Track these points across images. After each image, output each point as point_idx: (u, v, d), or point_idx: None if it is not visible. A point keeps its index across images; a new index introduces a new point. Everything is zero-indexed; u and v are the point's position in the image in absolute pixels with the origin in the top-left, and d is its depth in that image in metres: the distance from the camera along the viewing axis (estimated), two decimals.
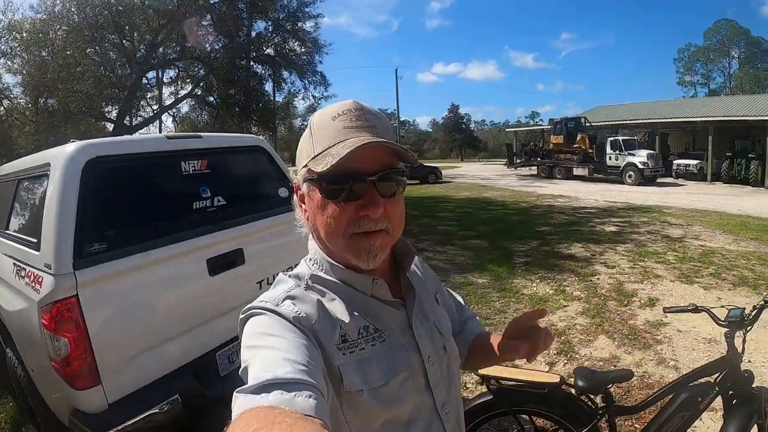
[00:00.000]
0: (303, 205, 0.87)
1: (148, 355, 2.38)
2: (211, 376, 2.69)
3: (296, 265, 0.92)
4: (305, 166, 0.81)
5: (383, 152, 0.79)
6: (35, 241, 2.37)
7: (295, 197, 0.90)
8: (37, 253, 2.31)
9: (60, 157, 2.35)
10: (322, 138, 0.78)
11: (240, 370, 0.67)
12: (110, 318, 2.27)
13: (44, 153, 2.70)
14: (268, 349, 0.67)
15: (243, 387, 0.60)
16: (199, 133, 3.14)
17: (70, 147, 2.39)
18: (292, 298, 0.80)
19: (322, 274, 0.85)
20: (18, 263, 2.55)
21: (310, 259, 0.89)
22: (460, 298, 1.22)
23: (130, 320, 2.34)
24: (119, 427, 2.16)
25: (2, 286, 2.80)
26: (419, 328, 0.88)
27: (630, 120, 29.16)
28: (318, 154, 0.78)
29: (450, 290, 1.16)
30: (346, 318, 0.80)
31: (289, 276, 0.87)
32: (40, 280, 2.22)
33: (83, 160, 2.32)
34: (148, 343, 2.38)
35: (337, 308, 0.81)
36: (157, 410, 2.25)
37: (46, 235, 2.25)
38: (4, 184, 3.56)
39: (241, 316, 0.80)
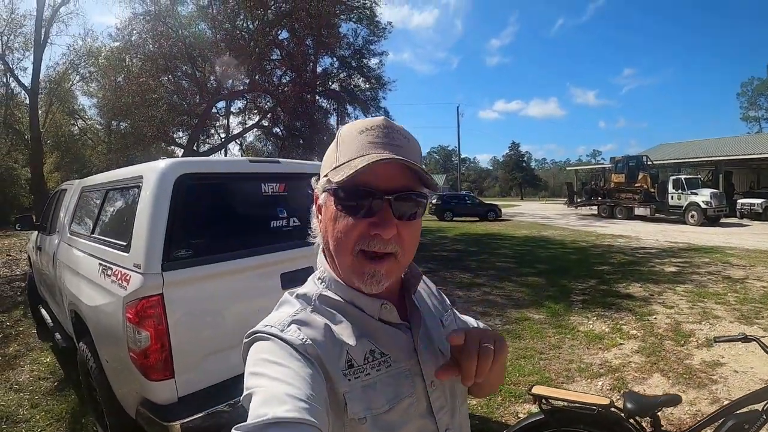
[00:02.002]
0: (320, 216, 0.85)
1: (217, 357, 2.51)
2: None
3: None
4: (326, 175, 0.80)
5: (404, 173, 0.77)
6: (124, 243, 2.60)
7: (313, 207, 0.88)
8: (126, 254, 2.54)
9: (154, 172, 2.58)
10: (347, 150, 0.77)
11: (242, 397, 0.66)
12: (188, 318, 2.44)
13: (136, 167, 2.97)
14: (271, 380, 0.66)
15: (242, 425, 0.58)
16: (278, 159, 3.38)
17: (163, 163, 2.63)
18: (298, 322, 0.78)
19: (330, 294, 0.84)
20: (104, 263, 2.79)
21: (319, 278, 0.87)
22: (474, 322, 1.13)
23: (205, 322, 2.52)
24: (186, 420, 2.29)
25: (85, 283, 3.04)
26: (424, 352, 0.86)
27: (693, 158, 28.16)
28: (339, 165, 0.77)
29: (459, 314, 1.10)
30: (352, 342, 0.79)
31: (295, 296, 0.85)
32: (127, 278, 2.43)
33: (175, 175, 2.54)
34: (218, 346, 2.52)
35: (344, 331, 0.80)
36: (223, 407, 2.38)
37: (137, 238, 2.47)
38: (89, 195, 3.89)
39: (246, 340, 0.78)
